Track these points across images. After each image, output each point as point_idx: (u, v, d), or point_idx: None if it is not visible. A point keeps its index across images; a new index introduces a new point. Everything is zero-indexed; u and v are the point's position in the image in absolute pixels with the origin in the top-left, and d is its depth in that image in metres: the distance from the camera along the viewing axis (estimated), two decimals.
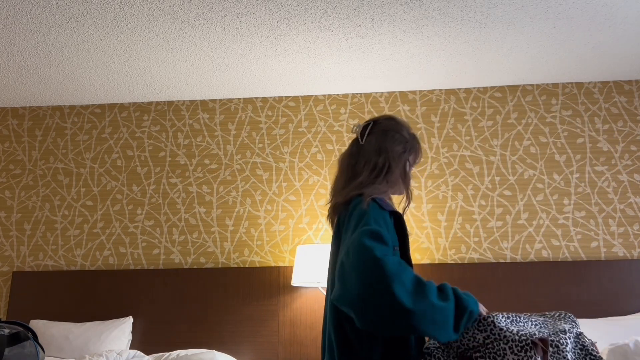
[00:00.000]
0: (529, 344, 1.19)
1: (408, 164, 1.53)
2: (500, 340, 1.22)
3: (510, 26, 2.76)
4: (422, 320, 1.15)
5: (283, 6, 2.57)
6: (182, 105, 3.64)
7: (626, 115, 3.34)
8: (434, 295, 1.19)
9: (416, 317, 1.14)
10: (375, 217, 1.31)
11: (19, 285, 3.34)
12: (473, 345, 1.25)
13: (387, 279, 1.14)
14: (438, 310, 1.17)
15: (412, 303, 1.14)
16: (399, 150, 1.50)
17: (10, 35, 2.81)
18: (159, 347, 3.10)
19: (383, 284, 1.14)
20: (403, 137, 1.53)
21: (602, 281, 3.03)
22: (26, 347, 1.95)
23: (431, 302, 1.16)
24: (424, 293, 1.17)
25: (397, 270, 1.16)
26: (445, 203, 3.30)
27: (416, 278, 1.20)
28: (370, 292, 1.15)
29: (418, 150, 1.56)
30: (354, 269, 1.20)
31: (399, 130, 1.53)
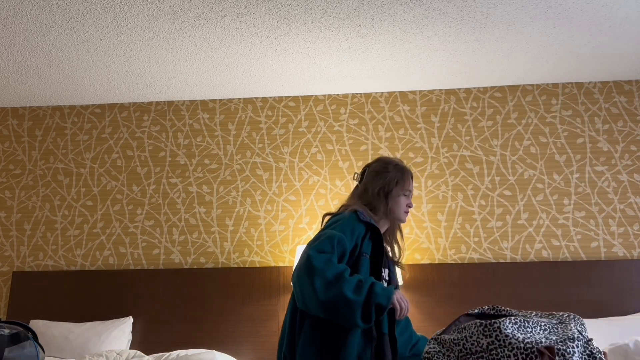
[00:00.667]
0: (535, 352, 1.17)
1: (390, 197, 1.76)
2: (505, 347, 1.20)
3: (510, 26, 2.76)
4: (330, 310, 1.43)
5: (283, 6, 2.57)
6: (182, 105, 3.64)
7: (626, 115, 3.34)
8: (349, 290, 1.43)
9: (325, 307, 1.42)
10: (344, 225, 1.58)
11: (19, 285, 3.34)
12: (476, 350, 1.24)
13: (312, 272, 1.43)
14: (344, 303, 1.42)
15: (324, 295, 1.41)
16: (378, 187, 1.76)
17: (10, 35, 2.81)
18: (159, 347, 3.10)
19: (308, 278, 1.43)
20: (385, 174, 1.78)
21: (602, 281, 3.03)
22: (26, 347, 1.95)
23: (342, 295, 1.41)
24: (339, 287, 1.42)
25: (322, 266, 1.44)
26: (445, 203, 3.30)
27: (339, 274, 1.45)
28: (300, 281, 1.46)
29: (404, 179, 1.78)
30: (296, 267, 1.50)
31: (382, 169, 1.80)
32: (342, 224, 1.59)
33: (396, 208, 1.77)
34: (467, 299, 3.07)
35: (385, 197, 1.75)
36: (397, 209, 1.77)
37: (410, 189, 1.80)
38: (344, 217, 1.63)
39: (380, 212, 1.74)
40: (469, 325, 1.33)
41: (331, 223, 1.63)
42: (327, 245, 1.50)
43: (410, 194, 1.81)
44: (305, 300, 1.46)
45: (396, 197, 1.77)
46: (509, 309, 1.40)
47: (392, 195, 1.76)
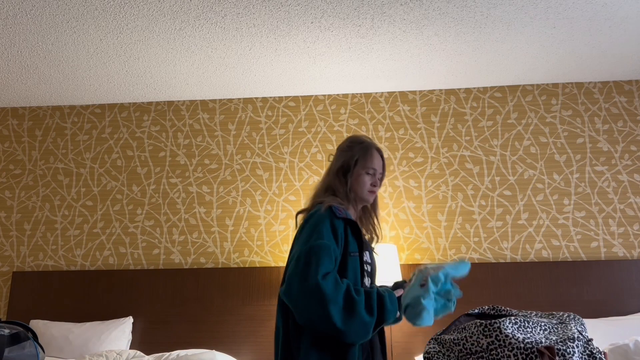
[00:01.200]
0: (535, 352, 1.17)
1: (350, 174, 1.66)
2: (505, 347, 1.20)
3: (510, 26, 2.76)
4: (349, 336, 1.38)
5: (283, 6, 2.57)
6: (182, 105, 3.64)
7: (626, 115, 3.34)
8: (362, 311, 1.40)
9: (345, 334, 1.37)
10: (324, 229, 1.49)
11: (19, 285, 3.34)
12: (476, 350, 1.23)
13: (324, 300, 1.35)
14: (363, 326, 1.39)
15: (342, 324, 1.36)
16: (337, 166, 1.68)
17: (10, 35, 2.81)
18: (159, 347, 3.10)
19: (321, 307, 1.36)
20: (348, 152, 1.70)
21: (602, 281, 3.03)
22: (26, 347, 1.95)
23: (360, 319, 1.39)
24: (355, 311, 1.38)
25: (332, 293, 1.37)
26: (445, 203, 3.30)
27: (347, 295, 1.39)
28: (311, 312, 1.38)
29: (366, 156, 1.68)
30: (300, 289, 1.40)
31: (345, 147, 1.72)
32: (322, 228, 1.49)
33: (358, 187, 1.66)
34: (467, 299, 3.07)
35: (344, 175, 1.66)
36: (359, 188, 1.66)
37: (373, 166, 1.67)
38: (320, 217, 1.52)
39: (341, 194, 1.64)
40: (469, 325, 1.33)
41: (309, 227, 1.52)
42: (328, 263, 1.42)
43: (376, 172, 1.69)
44: (318, 327, 1.39)
45: (357, 176, 1.66)
46: (509, 309, 1.40)
47: (352, 174, 1.65)
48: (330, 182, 1.68)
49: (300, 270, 1.41)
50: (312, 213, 1.57)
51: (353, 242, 1.55)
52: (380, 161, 1.72)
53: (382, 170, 1.73)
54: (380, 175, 1.72)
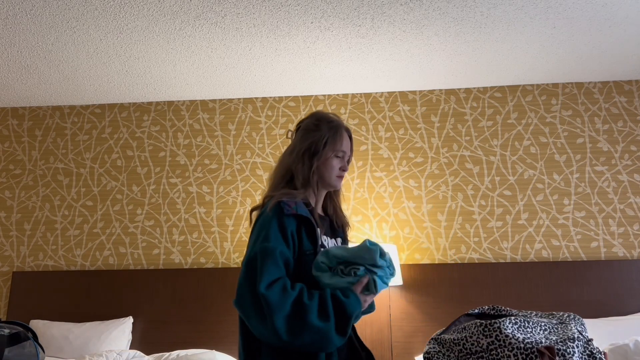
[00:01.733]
0: (535, 352, 1.17)
1: (317, 157, 1.50)
2: (505, 347, 1.20)
3: (510, 26, 2.76)
4: (305, 346, 1.26)
5: (283, 6, 2.57)
6: (182, 105, 3.64)
7: (626, 115, 3.34)
8: (314, 317, 1.26)
9: (299, 346, 1.26)
10: (272, 230, 1.35)
11: (19, 285, 3.34)
12: (475, 350, 1.23)
13: (269, 313, 1.24)
14: (316, 332, 1.26)
15: (289, 335, 1.24)
16: (304, 147, 1.51)
17: (10, 35, 2.81)
18: (159, 347, 3.10)
19: (267, 318, 1.25)
20: (314, 133, 1.52)
21: (602, 281, 3.03)
22: (26, 347, 1.95)
23: (313, 327, 1.25)
24: (303, 319, 1.25)
25: (277, 303, 1.25)
26: (445, 203, 3.30)
27: (295, 301, 1.27)
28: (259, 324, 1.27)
29: (336, 138, 1.52)
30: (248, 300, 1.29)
31: (311, 127, 1.54)
32: (269, 229, 1.35)
33: (325, 172, 1.50)
34: (467, 299, 3.07)
35: (310, 159, 1.49)
36: (327, 172, 1.50)
37: (343, 149, 1.52)
38: (266, 218, 1.38)
39: (299, 180, 1.48)
40: (469, 325, 1.33)
41: (257, 229, 1.40)
42: (274, 269, 1.29)
43: (345, 155, 1.54)
44: (269, 340, 1.28)
45: (325, 160, 1.50)
46: (509, 309, 1.40)
47: (319, 157, 1.49)
48: (290, 165, 1.51)
49: (246, 279, 1.31)
50: (261, 212, 1.44)
51: (306, 240, 1.41)
52: (349, 143, 1.57)
53: (351, 152, 1.59)
54: (348, 158, 1.58)
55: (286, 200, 1.41)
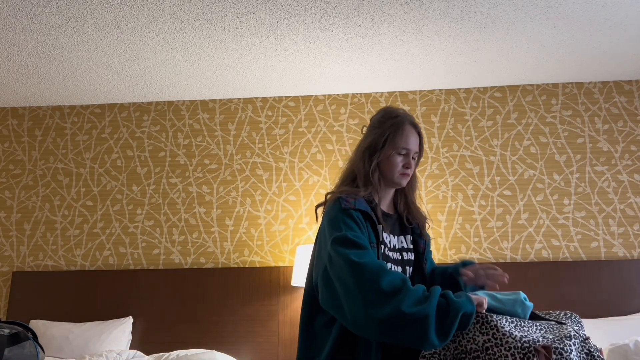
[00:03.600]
0: (532, 351, 1.16)
1: (377, 155, 1.47)
2: (501, 345, 1.19)
3: (510, 26, 2.76)
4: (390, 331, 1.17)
5: (283, 6, 2.57)
6: (182, 105, 3.64)
7: (626, 115, 3.34)
8: (410, 303, 1.18)
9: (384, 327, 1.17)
10: (344, 220, 1.34)
11: (19, 285, 3.34)
12: (471, 347, 1.22)
13: (367, 282, 1.20)
14: (410, 320, 1.16)
15: (381, 313, 1.17)
16: (365, 145, 1.49)
17: (10, 35, 2.81)
18: (159, 347, 3.10)
19: (364, 287, 1.20)
20: (375, 128, 1.50)
21: (602, 281, 3.03)
22: (26, 347, 1.95)
23: (402, 312, 1.16)
24: (397, 301, 1.18)
25: (375, 275, 1.21)
26: (445, 203, 3.30)
27: (392, 284, 1.21)
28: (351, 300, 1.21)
29: (397, 134, 1.47)
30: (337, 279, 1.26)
31: (376, 124, 1.51)
32: (339, 222, 1.35)
33: (388, 169, 1.46)
34: None
35: (370, 157, 1.46)
36: (389, 170, 1.46)
37: (407, 145, 1.46)
38: (332, 214, 1.39)
39: (362, 178, 1.45)
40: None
41: (327, 226, 1.39)
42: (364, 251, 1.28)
43: (409, 152, 1.48)
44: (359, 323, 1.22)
45: (386, 157, 1.46)
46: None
47: (379, 155, 1.46)
48: (354, 163, 1.49)
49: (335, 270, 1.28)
50: (326, 212, 1.44)
51: (371, 233, 1.39)
52: (416, 138, 1.50)
53: (419, 149, 1.52)
54: (415, 155, 1.51)
55: (345, 196, 1.40)
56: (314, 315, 1.42)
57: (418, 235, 1.56)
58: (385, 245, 1.45)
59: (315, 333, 1.39)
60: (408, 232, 1.56)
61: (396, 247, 1.49)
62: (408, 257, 1.52)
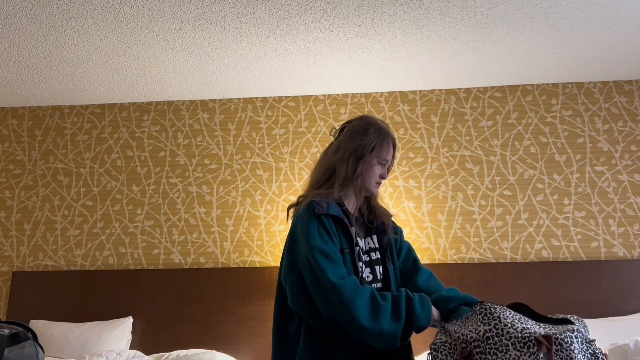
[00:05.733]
0: (532, 340, 1.18)
1: (363, 161, 1.52)
2: (502, 335, 1.21)
3: (510, 26, 2.76)
4: (372, 339, 1.30)
5: (283, 6, 2.57)
6: (182, 105, 3.64)
7: (626, 115, 3.34)
8: (387, 319, 1.31)
9: (368, 335, 1.29)
10: (318, 229, 1.40)
11: (19, 285, 3.34)
12: (472, 337, 1.24)
13: (345, 305, 1.29)
14: (387, 335, 1.30)
15: (368, 324, 1.29)
16: (351, 148, 1.52)
17: (10, 35, 2.81)
18: (159, 347, 3.10)
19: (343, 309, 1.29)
20: (362, 136, 1.53)
21: (602, 281, 3.03)
22: (26, 347, 1.95)
23: (381, 327, 1.29)
24: (378, 317, 1.30)
25: (352, 296, 1.30)
26: (445, 203, 3.30)
27: (370, 300, 1.32)
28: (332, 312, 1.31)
29: (382, 145, 1.53)
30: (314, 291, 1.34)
31: (360, 130, 1.55)
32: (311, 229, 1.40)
33: (367, 177, 1.53)
34: None
35: (356, 162, 1.50)
36: (368, 178, 1.53)
37: (387, 157, 1.55)
38: (304, 219, 1.43)
39: (341, 180, 1.49)
40: (470, 314, 1.33)
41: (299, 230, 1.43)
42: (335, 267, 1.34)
43: (387, 163, 1.57)
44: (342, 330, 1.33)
45: (370, 165, 1.52)
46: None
47: (364, 161, 1.51)
48: (334, 164, 1.52)
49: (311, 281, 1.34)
50: (296, 214, 1.49)
51: (343, 238, 1.44)
52: (392, 151, 1.59)
53: (392, 161, 1.61)
54: (389, 167, 1.59)
55: (318, 200, 1.44)
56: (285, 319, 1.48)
57: (382, 232, 1.62)
58: (360, 248, 1.51)
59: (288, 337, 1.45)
60: (373, 232, 1.62)
61: (363, 250, 1.55)
62: (376, 257, 1.58)
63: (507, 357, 1.19)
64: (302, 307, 1.38)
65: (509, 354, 1.18)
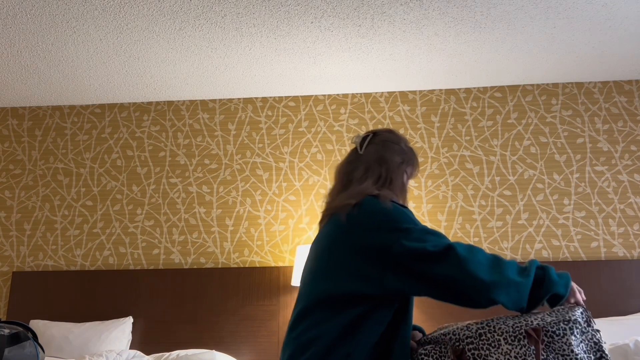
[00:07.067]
0: (522, 333, 1.20)
1: (405, 175, 1.57)
2: (494, 331, 1.24)
3: (510, 26, 2.76)
4: (499, 292, 1.21)
5: (283, 6, 2.57)
6: (182, 105, 3.64)
7: (626, 115, 3.34)
8: (512, 272, 1.24)
9: (493, 288, 1.21)
10: (411, 217, 1.36)
11: (19, 285, 3.34)
12: (465, 334, 1.26)
13: (463, 263, 1.22)
14: (513, 286, 1.22)
15: (489, 276, 1.21)
16: (398, 161, 1.53)
17: (10, 35, 2.81)
18: (159, 347, 3.10)
19: (463, 268, 1.22)
20: (401, 148, 1.58)
21: (602, 281, 3.03)
22: (26, 347, 1.95)
23: (507, 277, 1.22)
24: (500, 269, 1.24)
25: (468, 254, 1.24)
26: (445, 203, 3.30)
27: (491, 256, 1.27)
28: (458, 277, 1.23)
29: (415, 164, 1.60)
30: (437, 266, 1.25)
31: (398, 142, 1.59)
32: (410, 218, 1.35)
33: (407, 189, 1.59)
34: None
35: (403, 174, 1.54)
36: (407, 189, 1.59)
37: (417, 173, 1.64)
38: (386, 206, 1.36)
39: (397, 189, 1.50)
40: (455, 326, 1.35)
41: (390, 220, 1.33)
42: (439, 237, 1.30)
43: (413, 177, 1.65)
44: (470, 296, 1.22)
45: (408, 178, 1.59)
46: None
47: (407, 174, 1.56)
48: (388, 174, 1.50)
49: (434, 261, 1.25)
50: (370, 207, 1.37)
51: None
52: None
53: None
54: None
55: (395, 199, 1.45)
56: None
57: None
58: None
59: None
60: None
61: None
62: None
63: (499, 351, 1.21)
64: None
65: (501, 348, 1.21)
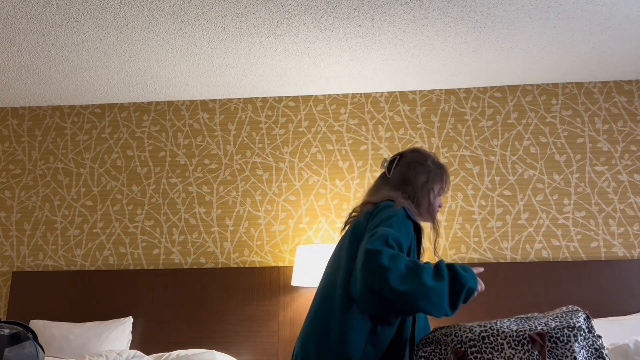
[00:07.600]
0: (527, 338, 1.19)
1: (432, 193, 1.63)
2: (498, 335, 1.23)
3: (510, 26, 2.76)
4: (416, 300, 1.25)
5: (283, 6, 2.57)
6: (182, 105, 3.64)
7: (626, 115, 3.34)
8: (428, 277, 1.27)
9: (410, 297, 1.24)
10: (399, 224, 1.41)
11: (19, 285, 3.34)
12: (468, 337, 1.25)
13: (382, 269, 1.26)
14: (431, 290, 1.25)
15: (404, 286, 1.24)
16: (422, 180, 1.62)
17: (10, 35, 2.81)
18: (159, 347, 3.10)
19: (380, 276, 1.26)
20: (426, 167, 1.65)
21: (602, 281, 3.03)
22: (26, 347, 1.95)
23: (424, 282, 1.25)
24: (417, 275, 1.26)
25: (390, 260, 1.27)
26: (445, 203, 3.30)
27: (410, 261, 1.30)
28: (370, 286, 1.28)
29: (443, 179, 1.66)
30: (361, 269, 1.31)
31: (423, 161, 1.66)
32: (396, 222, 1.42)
33: (435, 206, 1.65)
34: None
35: (429, 192, 1.62)
36: (435, 207, 1.65)
37: (448, 190, 1.71)
38: (395, 213, 1.45)
39: (423, 208, 1.61)
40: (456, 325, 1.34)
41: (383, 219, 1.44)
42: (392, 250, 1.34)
43: (444, 193, 1.71)
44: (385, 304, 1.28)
45: (437, 195, 1.65)
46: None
47: (434, 192, 1.64)
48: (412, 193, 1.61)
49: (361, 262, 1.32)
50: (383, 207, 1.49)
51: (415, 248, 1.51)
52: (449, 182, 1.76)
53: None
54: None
55: (409, 207, 1.53)
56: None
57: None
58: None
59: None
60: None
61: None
62: None
63: (502, 355, 1.20)
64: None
65: (504, 352, 1.20)
